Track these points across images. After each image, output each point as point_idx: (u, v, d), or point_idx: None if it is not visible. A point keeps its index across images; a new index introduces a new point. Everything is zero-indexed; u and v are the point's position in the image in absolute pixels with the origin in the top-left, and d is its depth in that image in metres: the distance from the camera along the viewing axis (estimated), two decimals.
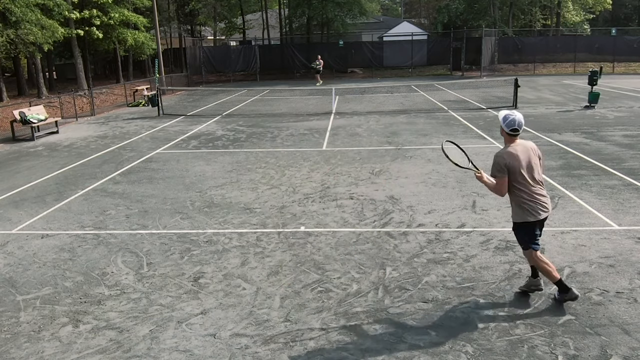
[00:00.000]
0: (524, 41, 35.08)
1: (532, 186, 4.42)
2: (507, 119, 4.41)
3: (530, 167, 4.43)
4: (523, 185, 4.41)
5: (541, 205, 4.44)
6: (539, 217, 4.44)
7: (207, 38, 47.93)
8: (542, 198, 4.46)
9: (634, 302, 4.59)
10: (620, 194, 7.68)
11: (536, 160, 4.48)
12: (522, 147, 4.46)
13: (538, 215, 4.44)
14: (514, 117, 4.38)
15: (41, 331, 4.48)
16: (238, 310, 4.73)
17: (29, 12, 20.16)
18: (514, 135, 4.44)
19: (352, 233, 6.50)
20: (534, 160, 4.46)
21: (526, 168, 4.40)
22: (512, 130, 4.41)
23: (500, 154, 4.45)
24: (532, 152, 4.47)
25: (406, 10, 64.90)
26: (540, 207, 4.44)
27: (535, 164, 4.46)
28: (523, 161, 4.40)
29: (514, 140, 4.46)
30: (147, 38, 29.30)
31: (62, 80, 35.79)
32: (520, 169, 4.39)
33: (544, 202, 4.47)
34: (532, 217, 4.43)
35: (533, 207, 4.42)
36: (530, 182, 4.41)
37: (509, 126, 4.40)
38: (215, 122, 16.54)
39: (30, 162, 11.48)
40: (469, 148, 11.59)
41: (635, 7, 49.64)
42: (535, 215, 4.43)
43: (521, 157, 4.40)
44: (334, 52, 35.26)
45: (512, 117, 4.39)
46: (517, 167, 4.38)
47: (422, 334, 4.24)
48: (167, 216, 7.38)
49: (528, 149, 4.47)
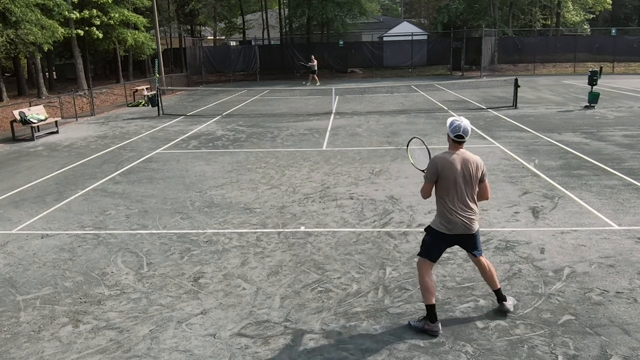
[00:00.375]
0: (524, 41, 35.08)
1: (458, 200, 4.17)
2: (452, 125, 4.19)
3: (465, 180, 4.16)
4: (450, 196, 4.18)
5: (462, 222, 4.18)
6: (452, 231, 4.21)
7: (207, 38, 47.94)
8: (465, 215, 4.18)
9: (634, 302, 4.59)
10: (620, 194, 7.68)
11: (476, 174, 4.19)
12: (462, 157, 4.17)
13: (453, 229, 4.21)
14: (460, 123, 4.16)
15: (41, 331, 4.48)
16: (238, 310, 4.73)
17: (29, 12, 20.16)
18: (458, 141, 4.19)
19: (352, 233, 6.50)
20: (472, 174, 4.17)
21: (458, 180, 4.15)
22: (456, 136, 4.17)
23: (435, 159, 4.23)
24: (472, 166, 4.17)
25: (406, 10, 64.90)
26: (459, 224, 4.18)
27: (470, 179, 4.17)
28: (458, 172, 4.14)
29: (458, 147, 4.21)
30: (147, 38, 29.30)
31: (62, 80, 35.79)
32: (452, 180, 4.15)
33: (465, 220, 4.19)
34: (446, 229, 4.21)
35: (450, 221, 4.19)
36: (458, 196, 4.17)
37: (454, 132, 4.16)
38: (215, 122, 16.54)
39: (30, 162, 11.48)
40: (469, 148, 11.58)
41: (635, 7, 49.64)
42: (450, 229, 4.21)
43: (457, 167, 4.14)
44: (334, 52, 35.27)
45: (457, 122, 4.17)
46: (448, 176, 4.15)
47: (422, 334, 4.23)
48: (167, 216, 7.38)
49: (468, 161, 4.17)
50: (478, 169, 4.21)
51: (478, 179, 4.22)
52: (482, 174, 4.24)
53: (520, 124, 14.08)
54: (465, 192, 4.18)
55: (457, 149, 4.22)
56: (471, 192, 4.22)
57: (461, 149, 4.23)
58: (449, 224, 4.21)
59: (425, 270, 4.33)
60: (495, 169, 9.33)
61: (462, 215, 4.19)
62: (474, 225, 4.25)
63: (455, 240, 4.33)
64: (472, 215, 4.22)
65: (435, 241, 4.32)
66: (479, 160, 4.25)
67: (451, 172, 4.14)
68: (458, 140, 4.19)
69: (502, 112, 16.45)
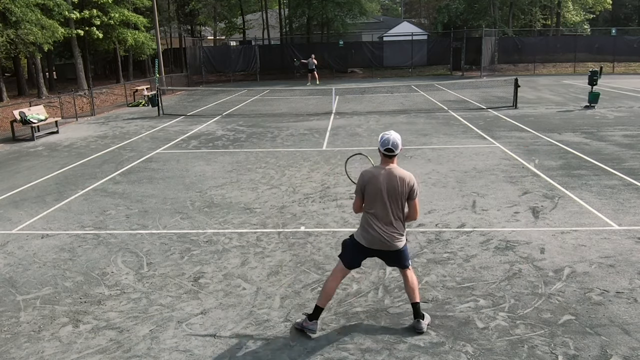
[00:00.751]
0: (524, 41, 35.08)
1: (381, 216, 4.07)
2: (382, 138, 4.07)
3: (389, 196, 4.05)
4: (373, 210, 4.10)
5: (381, 239, 4.09)
6: (371, 246, 4.14)
7: (207, 38, 47.93)
8: (386, 232, 4.08)
9: (634, 302, 4.59)
10: (620, 194, 7.68)
11: (402, 191, 4.05)
12: (390, 172, 4.06)
13: (371, 244, 4.14)
14: (389, 137, 4.04)
15: (41, 331, 4.48)
16: (238, 310, 4.73)
17: (29, 12, 20.17)
18: (387, 155, 4.07)
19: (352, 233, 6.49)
20: (397, 191, 4.04)
21: (382, 195, 4.05)
22: (386, 149, 4.05)
23: (363, 173, 4.15)
24: (398, 182, 4.04)
25: (406, 10, 64.90)
26: (378, 240, 4.10)
27: (395, 196, 4.05)
28: (383, 187, 4.03)
29: (388, 162, 4.09)
30: (147, 38, 29.31)
31: (62, 80, 35.79)
32: (376, 195, 4.05)
33: (386, 237, 4.09)
34: (365, 242, 4.15)
35: (371, 235, 4.12)
36: (381, 212, 4.07)
37: (383, 145, 4.05)
38: (215, 122, 16.54)
39: (30, 162, 11.48)
40: (469, 148, 11.67)
41: (635, 7, 49.64)
42: (369, 243, 4.14)
43: (382, 182, 4.03)
44: (334, 52, 35.28)
45: (387, 136, 4.05)
46: (373, 191, 4.05)
47: (422, 334, 4.23)
48: (167, 216, 7.38)
49: (396, 177, 4.04)
50: (405, 186, 4.06)
51: (405, 196, 4.09)
52: (410, 191, 4.09)
53: (520, 124, 14.08)
54: (389, 208, 4.07)
55: (387, 163, 4.11)
56: (396, 209, 4.10)
57: (392, 163, 4.11)
58: (369, 238, 4.14)
59: (336, 274, 4.31)
60: (495, 169, 9.33)
61: (383, 232, 4.09)
62: (395, 243, 4.13)
63: (376, 254, 4.26)
64: (394, 233, 4.11)
65: (353, 250, 4.24)
66: (409, 177, 4.10)
67: (376, 187, 4.04)
68: (387, 154, 4.08)
69: (502, 112, 16.46)
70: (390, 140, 4.04)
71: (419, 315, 4.29)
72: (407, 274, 4.30)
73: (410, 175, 4.13)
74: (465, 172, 9.24)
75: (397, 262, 4.29)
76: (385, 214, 4.07)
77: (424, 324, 4.27)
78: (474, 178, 8.82)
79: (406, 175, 4.10)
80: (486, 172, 9.19)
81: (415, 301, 4.29)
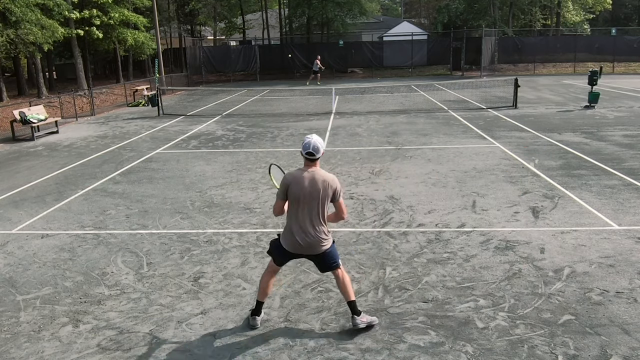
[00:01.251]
0: (524, 41, 35.09)
1: (303, 219, 4.09)
2: (303, 142, 4.10)
3: (312, 198, 4.06)
4: (295, 214, 4.11)
5: (302, 243, 4.12)
6: (294, 250, 4.18)
7: (207, 38, 47.94)
8: (308, 235, 4.10)
9: (634, 302, 4.59)
10: (620, 194, 7.68)
11: (325, 194, 4.08)
12: (312, 175, 4.07)
13: (294, 249, 4.17)
14: (310, 141, 4.07)
15: (41, 331, 4.48)
16: (238, 310, 4.73)
17: (29, 12, 20.16)
18: (309, 159, 4.10)
19: (352, 233, 6.50)
20: (320, 194, 4.06)
21: (304, 199, 4.05)
22: (307, 153, 4.08)
23: (286, 175, 4.17)
24: (320, 185, 4.06)
25: (406, 10, 64.90)
26: (299, 244, 4.13)
27: (318, 198, 4.07)
28: (305, 190, 4.05)
29: (311, 165, 4.12)
30: (147, 38, 29.30)
31: (62, 80, 35.79)
32: (298, 197, 4.06)
33: (308, 240, 4.11)
34: (288, 247, 4.20)
35: (292, 239, 4.15)
36: (302, 215, 4.08)
37: (305, 149, 4.08)
38: (215, 122, 16.54)
39: (30, 162, 11.48)
40: (469, 148, 11.67)
41: (635, 7, 49.63)
42: (292, 247, 4.18)
43: (305, 185, 4.05)
44: (334, 52, 35.27)
45: (307, 140, 4.09)
46: (296, 193, 4.05)
47: (422, 334, 4.24)
48: (167, 216, 7.38)
49: (318, 180, 4.06)
50: (327, 189, 4.09)
51: (329, 198, 4.13)
52: (334, 193, 4.13)
53: (520, 124, 14.08)
54: (311, 211, 4.09)
55: (310, 166, 4.13)
56: (318, 211, 4.11)
57: (314, 167, 4.13)
58: (291, 243, 4.17)
59: (269, 270, 4.44)
60: (495, 169, 9.34)
61: (305, 236, 4.11)
62: (317, 246, 4.15)
63: (302, 257, 4.31)
64: (318, 236, 4.13)
65: (279, 251, 4.29)
66: (332, 179, 4.13)
67: (298, 189, 4.06)
68: (309, 157, 4.10)
69: (502, 112, 16.46)
70: (311, 144, 4.07)
71: (356, 312, 4.30)
72: (338, 274, 4.32)
73: (333, 177, 4.17)
74: (465, 172, 9.24)
75: (324, 263, 4.29)
76: (309, 217, 4.10)
77: (359, 320, 4.28)
78: (474, 178, 8.82)
79: (328, 177, 4.13)
80: (486, 172, 9.19)
81: (350, 299, 4.30)
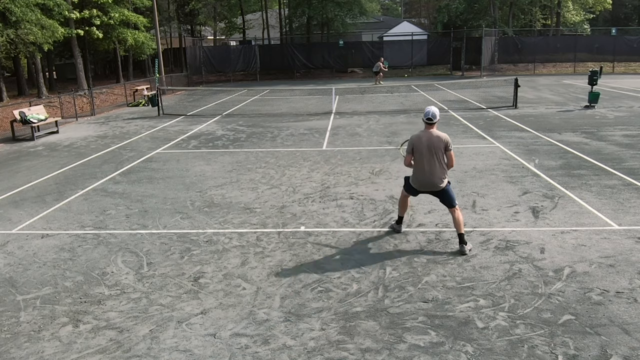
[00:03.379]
0: (524, 41, 35.08)
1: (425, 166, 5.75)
2: (425, 111, 5.79)
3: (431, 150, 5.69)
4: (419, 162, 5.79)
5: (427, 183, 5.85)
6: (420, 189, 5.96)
7: (207, 38, 47.92)
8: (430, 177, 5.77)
9: (634, 302, 4.59)
10: (620, 194, 7.68)
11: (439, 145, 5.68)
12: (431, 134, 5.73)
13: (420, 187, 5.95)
14: (429, 110, 5.74)
15: (41, 331, 4.48)
16: (238, 310, 4.73)
17: (29, 12, 20.16)
18: (428, 123, 5.74)
19: (352, 233, 6.50)
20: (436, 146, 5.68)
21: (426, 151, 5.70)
22: (427, 119, 5.73)
23: (412, 136, 5.92)
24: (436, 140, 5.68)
25: (406, 10, 64.91)
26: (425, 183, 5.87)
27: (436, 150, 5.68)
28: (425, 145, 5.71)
29: (429, 128, 5.76)
30: (147, 38, 29.30)
31: (62, 80, 35.81)
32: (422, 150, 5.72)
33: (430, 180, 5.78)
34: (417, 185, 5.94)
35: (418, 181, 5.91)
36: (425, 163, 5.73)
37: (425, 116, 5.75)
38: (215, 122, 16.54)
39: (30, 162, 11.48)
40: (469, 148, 11.67)
41: (635, 7, 49.64)
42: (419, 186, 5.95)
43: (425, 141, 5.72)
44: (334, 52, 35.28)
45: (427, 109, 5.76)
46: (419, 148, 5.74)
47: (422, 334, 4.24)
48: (167, 216, 7.38)
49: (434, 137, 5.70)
50: (440, 142, 5.67)
51: (443, 149, 5.69)
52: (446, 145, 5.69)
53: (520, 124, 14.08)
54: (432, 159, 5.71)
55: (429, 129, 5.76)
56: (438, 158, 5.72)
57: (432, 128, 5.74)
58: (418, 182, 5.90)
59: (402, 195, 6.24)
60: (496, 169, 9.33)
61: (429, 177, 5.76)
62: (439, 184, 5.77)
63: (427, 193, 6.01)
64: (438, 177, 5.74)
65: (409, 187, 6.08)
66: (444, 136, 5.73)
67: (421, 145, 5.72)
68: (428, 122, 5.75)
69: (502, 112, 16.46)
70: (430, 112, 5.73)
71: (463, 242, 5.73)
72: (453, 212, 5.82)
73: (445, 134, 5.77)
74: (465, 172, 9.24)
75: (443, 199, 5.89)
76: (429, 163, 5.69)
77: (466, 248, 5.72)
78: (474, 178, 8.82)
79: (442, 134, 5.75)
80: (486, 172, 9.19)
81: (460, 232, 5.74)
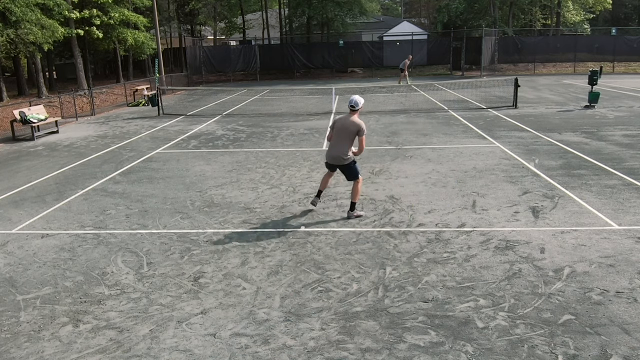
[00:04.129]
0: (524, 41, 35.08)
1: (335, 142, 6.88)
2: (349, 99, 6.82)
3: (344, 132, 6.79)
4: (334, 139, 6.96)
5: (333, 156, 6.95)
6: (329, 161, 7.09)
7: (207, 38, 47.93)
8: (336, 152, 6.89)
9: (634, 302, 4.59)
10: (620, 194, 7.68)
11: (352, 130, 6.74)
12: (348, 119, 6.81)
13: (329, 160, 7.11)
14: (352, 98, 6.78)
15: (41, 331, 4.48)
16: (238, 310, 4.73)
17: (29, 11, 20.17)
18: (351, 110, 6.80)
19: (352, 233, 6.50)
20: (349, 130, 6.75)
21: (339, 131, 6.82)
22: (350, 106, 6.79)
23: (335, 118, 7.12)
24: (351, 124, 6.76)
25: (406, 10, 64.90)
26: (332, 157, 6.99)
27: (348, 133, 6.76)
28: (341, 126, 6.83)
29: (352, 114, 6.80)
30: (147, 38, 29.31)
31: (62, 80, 35.81)
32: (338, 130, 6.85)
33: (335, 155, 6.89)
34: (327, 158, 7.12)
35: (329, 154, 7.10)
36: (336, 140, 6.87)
37: (349, 103, 6.81)
38: (215, 122, 16.54)
39: (30, 161, 11.48)
40: (469, 148, 11.68)
41: (635, 7, 49.64)
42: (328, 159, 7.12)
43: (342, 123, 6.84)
44: (334, 51, 35.28)
45: (351, 97, 6.80)
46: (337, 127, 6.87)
47: (422, 333, 4.24)
48: (167, 216, 7.38)
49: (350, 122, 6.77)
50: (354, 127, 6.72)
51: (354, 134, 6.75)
52: (359, 130, 6.72)
53: (520, 124, 14.08)
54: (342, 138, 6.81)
55: (350, 114, 6.82)
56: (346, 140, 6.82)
57: (353, 115, 6.80)
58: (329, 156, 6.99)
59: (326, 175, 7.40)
60: (495, 169, 9.33)
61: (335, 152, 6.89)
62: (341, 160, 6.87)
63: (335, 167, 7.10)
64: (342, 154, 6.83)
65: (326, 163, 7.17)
66: (359, 122, 6.75)
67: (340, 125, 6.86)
68: (351, 109, 6.81)
69: (502, 112, 16.46)
70: (353, 100, 6.76)
71: (352, 209, 7.00)
72: (354, 183, 6.99)
73: (361, 122, 6.78)
74: (465, 171, 9.24)
75: (345, 172, 6.99)
76: (337, 141, 6.84)
77: (353, 214, 6.96)
78: (474, 178, 8.82)
79: (358, 121, 6.78)
80: (486, 171, 9.19)
81: (353, 201, 7.00)
